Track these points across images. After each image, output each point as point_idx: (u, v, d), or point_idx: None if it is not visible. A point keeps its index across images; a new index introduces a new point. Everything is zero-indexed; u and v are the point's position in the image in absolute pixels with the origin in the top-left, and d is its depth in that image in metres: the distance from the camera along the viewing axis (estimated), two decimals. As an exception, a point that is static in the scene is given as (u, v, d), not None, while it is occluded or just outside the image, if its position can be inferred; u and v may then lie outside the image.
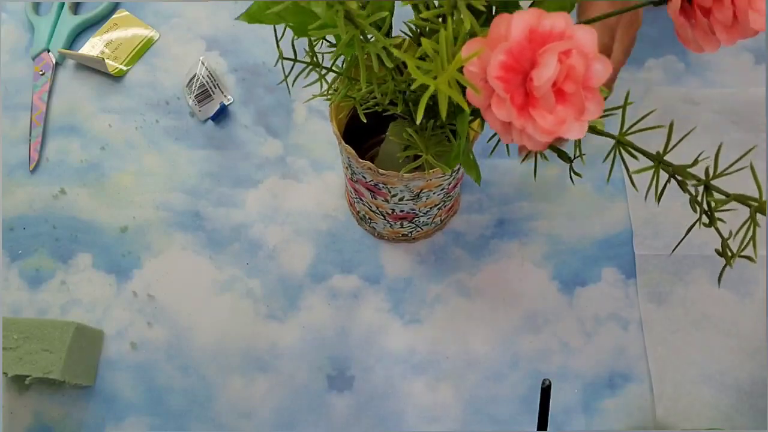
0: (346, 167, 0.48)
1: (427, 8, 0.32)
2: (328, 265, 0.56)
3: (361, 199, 0.51)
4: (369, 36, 0.31)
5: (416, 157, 0.43)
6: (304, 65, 0.39)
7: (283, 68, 0.40)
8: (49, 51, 0.64)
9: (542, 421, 0.43)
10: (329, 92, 0.40)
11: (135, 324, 0.55)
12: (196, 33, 0.65)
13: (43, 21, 0.65)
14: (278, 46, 0.38)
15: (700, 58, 0.62)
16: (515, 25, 0.26)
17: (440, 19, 0.31)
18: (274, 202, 0.58)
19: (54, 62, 0.64)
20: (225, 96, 0.61)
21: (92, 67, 0.64)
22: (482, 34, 0.27)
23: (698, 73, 0.62)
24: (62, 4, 0.66)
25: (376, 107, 0.39)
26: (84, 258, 0.57)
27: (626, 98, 0.33)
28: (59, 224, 0.58)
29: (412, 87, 0.27)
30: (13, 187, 0.60)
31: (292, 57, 0.40)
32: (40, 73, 0.63)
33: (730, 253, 0.32)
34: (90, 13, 0.66)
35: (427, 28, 0.34)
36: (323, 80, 0.40)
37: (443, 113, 0.27)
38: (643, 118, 0.34)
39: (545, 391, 0.42)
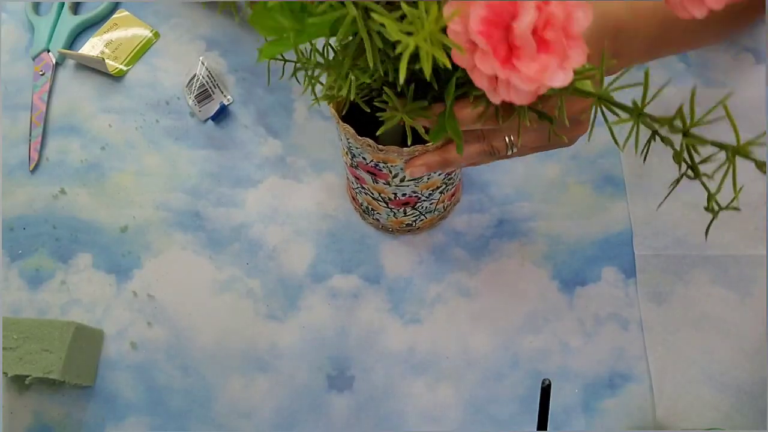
0: (346, 152, 0.48)
1: None
2: (328, 265, 0.56)
3: (362, 188, 0.51)
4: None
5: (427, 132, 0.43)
6: (297, 63, 0.39)
7: (283, 69, 0.40)
8: (49, 51, 0.64)
9: (542, 421, 0.42)
10: (326, 91, 0.40)
11: (135, 324, 0.55)
12: (196, 33, 0.65)
13: (43, 21, 0.65)
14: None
15: (700, 58, 0.62)
16: None
17: None
18: (274, 202, 0.58)
19: (54, 62, 0.64)
20: (225, 96, 0.61)
21: (92, 67, 0.64)
22: None
23: (698, 73, 0.62)
24: (62, 4, 0.66)
25: (372, 93, 0.39)
26: (84, 258, 0.57)
27: (603, 55, 0.33)
28: (59, 224, 0.58)
29: (396, 51, 0.27)
30: (13, 187, 0.60)
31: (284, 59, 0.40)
32: (40, 73, 0.63)
33: (716, 208, 0.32)
34: (90, 13, 0.66)
35: None
36: (315, 81, 0.39)
37: (427, 72, 0.27)
38: (622, 74, 0.33)
39: (545, 391, 0.42)
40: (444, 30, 0.27)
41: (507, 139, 0.42)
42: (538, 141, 0.42)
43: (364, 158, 0.45)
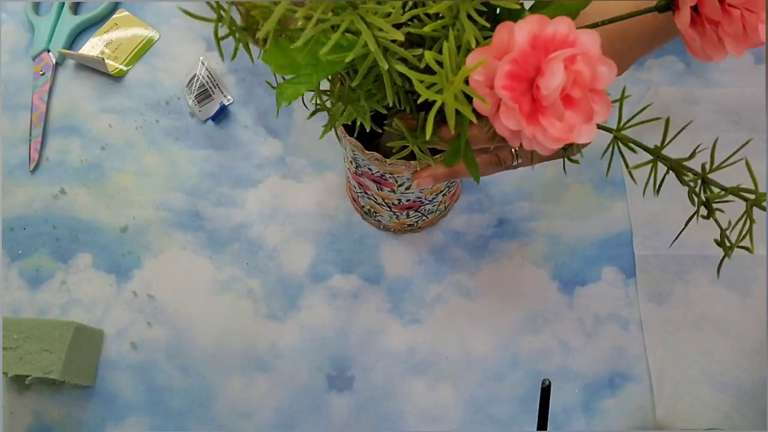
0: (350, 162, 0.48)
1: (429, 17, 0.31)
2: (328, 265, 0.56)
3: (365, 193, 0.51)
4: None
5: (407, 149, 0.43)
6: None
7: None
8: (49, 51, 0.64)
9: (542, 421, 0.43)
10: (338, 118, 0.40)
11: (135, 324, 0.55)
12: (196, 33, 0.65)
13: (43, 21, 0.65)
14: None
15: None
16: (518, 32, 0.26)
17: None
18: (274, 202, 0.58)
19: (54, 62, 0.64)
20: (225, 96, 0.61)
21: (92, 67, 0.64)
22: (485, 43, 0.27)
23: (698, 73, 0.62)
24: (62, 4, 0.66)
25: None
26: (84, 258, 0.57)
27: (623, 92, 0.33)
28: (59, 224, 0.58)
29: (419, 102, 0.27)
30: (13, 187, 0.60)
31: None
32: (40, 73, 0.63)
33: (728, 244, 0.32)
34: (90, 13, 0.66)
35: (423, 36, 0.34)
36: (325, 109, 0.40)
37: (452, 126, 0.27)
38: (640, 111, 0.34)
39: (545, 391, 0.42)
40: (465, 79, 0.27)
41: (513, 150, 0.43)
42: (546, 154, 0.43)
43: (370, 169, 0.45)
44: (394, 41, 0.29)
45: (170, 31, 0.65)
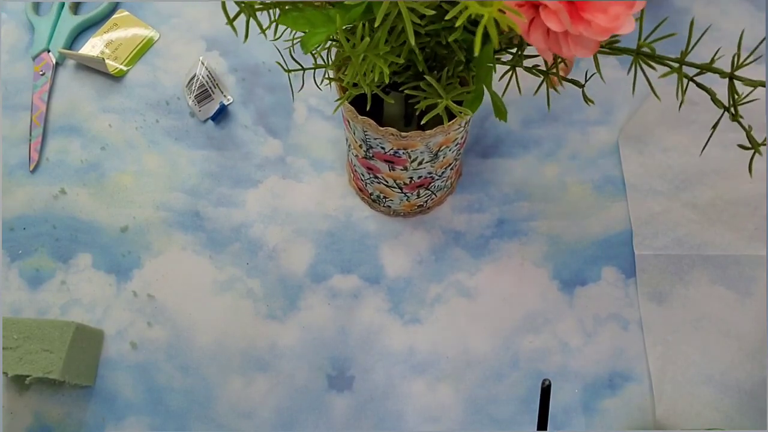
0: (359, 146, 0.48)
1: None
2: (328, 265, 0.56)
3: (376, 177, 0.51)
4: None
5: (425, 113, 0.43)
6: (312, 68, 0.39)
7: (289, 77, 0.41)
8: (49, 51, 0.64)
9: (542, 421, 0.43)
10: (351, 79, 0.40)
11: (135, 324, 0.55)
12: (196, 33, 0.65)
13: (43, 21, 0.65)
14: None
15: (700, 58, 0.62)
16: None
17: None
18: (274, 202, 0.58)
19: (54, 62, 0.64)
20: (225, 96, 0.61)
21: (92, 67, 0.64)
22: None
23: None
24: (62, 4, 0.66)
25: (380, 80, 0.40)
26: (84, 258, 0.57)
27: (642, 12, 0.33)
28: (59, 224, 0.58)
29: (458, 23, 0.27)
30: (13, 187, 0.60)
31: (292, 59, 0.40)
32: (40, 73, 0.63)
33: (755, 144, 0.34)
34: (90, 13, 0.66)
35: None
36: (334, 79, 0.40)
37: (495, 42, 0.27)
38: (656, 27, 0.35)
39: (545, 391, 0.42)
40: None
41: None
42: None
43: (382, 148, 0.46)
44: None
45: (170, 31, 0.65)
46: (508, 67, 0.41)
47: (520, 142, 0.60)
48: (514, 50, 0.39)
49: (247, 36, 0.35)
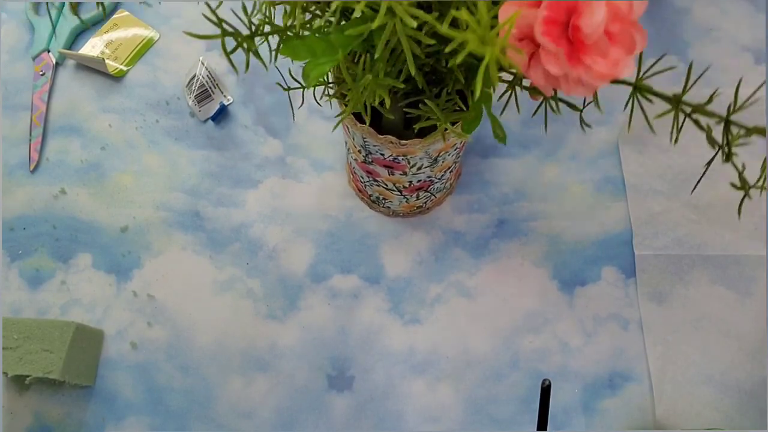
0: (358, 151, 0.48)
1: None
2: (328, 265, 0.56)
3: (375, 180, 0.51)
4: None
5: (426, 132, 0.44)
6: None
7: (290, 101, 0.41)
8: (49, 51, 0.64)
9: (542, 421, 0.43)
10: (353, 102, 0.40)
11: (135, 324, 0.55)
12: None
13: (43, 21, 0.65)
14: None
15: (701, 58, 0.62)
16: None
17: None
18: (274, 202, 0.58)
19: (54, 62, 0.64)
20: (225, 96, 0.61)
21: (92, 67, 0.64)
22: None
23: (698, 74, 0.62)
24: (62, 4, 0.66)
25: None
26: (84, 258, 0.57)
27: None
28: (59, 224, 0.58)
29: (457, 61, 0.27)
30: (13, 187, 0.60)
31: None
32: (40, 73, 0.63)
33: (746, 186, 0.33)
34: (90, 13, 0.66)
35: None
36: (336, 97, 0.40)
37: (495, 81, 0.27)
38: (656, 62, 0.35)
39: (545, 391, 0.42)
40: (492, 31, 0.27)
41: None
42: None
43: (382, 154, 0.46)
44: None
45: (170, 31, 0.65)
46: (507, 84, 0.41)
47: (520, 142, 0.60)
48: (514, 71, 0.39)
49: (247, 68, 0.35)
